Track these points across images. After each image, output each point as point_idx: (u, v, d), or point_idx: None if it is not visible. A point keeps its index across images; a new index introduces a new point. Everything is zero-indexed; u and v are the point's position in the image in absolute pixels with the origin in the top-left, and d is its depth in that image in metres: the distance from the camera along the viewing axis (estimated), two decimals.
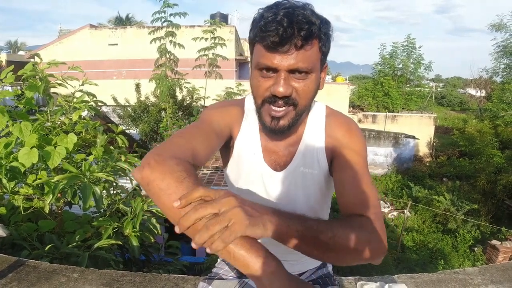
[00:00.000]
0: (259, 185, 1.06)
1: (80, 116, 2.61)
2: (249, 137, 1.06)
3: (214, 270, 1.23)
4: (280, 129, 0.94)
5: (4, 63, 21.76)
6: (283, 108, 0.91)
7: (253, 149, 1.05)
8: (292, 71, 0.87)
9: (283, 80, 0.87)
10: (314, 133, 1.04)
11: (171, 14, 8.61)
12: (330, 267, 1.25)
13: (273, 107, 0.91)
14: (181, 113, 11.01)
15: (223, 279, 1.16)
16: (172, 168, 0.77)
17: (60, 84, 2.53)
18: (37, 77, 2.43)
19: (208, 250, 0.64)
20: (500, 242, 9.79)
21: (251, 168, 1.06)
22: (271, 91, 0.89)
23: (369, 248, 0.80)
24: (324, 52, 0.91)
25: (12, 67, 2.42)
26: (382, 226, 0.86)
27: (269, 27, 0.83)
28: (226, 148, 1.10)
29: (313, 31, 0.84)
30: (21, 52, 31.84)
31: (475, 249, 10.47)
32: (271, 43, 0.83)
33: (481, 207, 12.26)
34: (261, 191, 1.07)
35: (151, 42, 8.84)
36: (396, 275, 1.88)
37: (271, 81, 0.89)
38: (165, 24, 8.74)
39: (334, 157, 1.03)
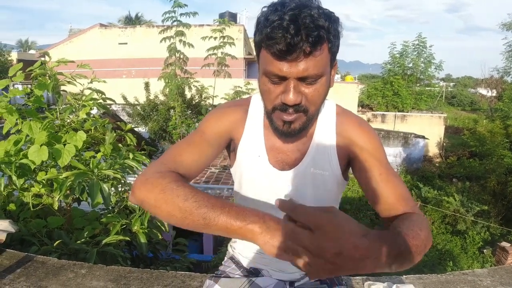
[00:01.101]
0: (266, 187, 1.04)
1: (88, 114, 2.63)
2: (253, 139, 1.04)
3: (221, 268, 1.22)
4: (292, 132, 0.93)
5: (15, 62, 22.03)
6: (294, 114, 0.89)
7: (257, 151, 1.03)
8: (301, 78, 0.84)
9: (292, 88, 0.85)
10: (325, 133, 1.02)
11: (181, 14, 8.66)
12: None
13: (284, 114, 0.90)
14: (189, 111, 11.05)
15: (230, 277, 1.15)
16: (155, 183, 0.82)
17: (69, 82, 2.55)
18: (46, 75, 2.45)
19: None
20: (510, 244, 9.65)
21: (257, 170, 1.04)
22: (281, 99, 0.87)
23: (429, 241, 0.80)
24: (333, 52, 0.88)
25: (21, 65, 2.45)
26: (422, 214, 0.88)
27: (275, 35, 0.79)
28: (231, 151, 1.09)
29: (322, 36, 0.80)
30: (31, 51, 32.21)
31: (484, 250, 10.35)
32: (278, 51, 0.80)
33: (491, 209, 12.11)
34: (268, 193, 1.04)
35: (161, 41, 8.89)
36: (404, 276, 1.86)
37: (280, 88, 0.87)
38: (175, 23, 8.78)
39: (353, 160, 1.01)
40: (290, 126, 0.92)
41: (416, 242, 0.74)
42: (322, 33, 0.80)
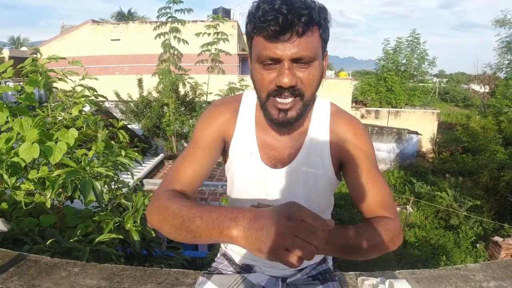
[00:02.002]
0: (258, 185, 1.04)
1: (80, 111, 2.61)
2: (244, 137, 1.03)
3: (213, 264, 1.22)
4: (288, 121, 0.92)
5: (6, 59, 21.81)
6: (290, 99, 0.88)
7: (249, 149, 1.03)
8: (295, 60, 0.84)
9: (287, 70, 0.84)
10: (318, 131, 1.02)
11: (176, 10, 8.61)
12: (330, 263, 1.24)
13: (279, 99, 0.89)
14: (183, 108, 11.01)
15: (222, 273, 1.15)
16: (154, 206, 0.89)
17: (60, 79, 2.52)
18: (37, 72, 2.42)
19: None
20: (502, 239, 9.75)
21: (249, 168, 1.03)
22: (276, 82, 0.86)
23: (392, 244, 0.92)
24: (324, 39, 0.89)
25: (11, 61, 2.41)
26: (400, 221, 0.97)
27: (268, 16, 0.80)
28: (224, 149, 1.09)
29: (314, 16, 0.82)
30: (23, 48, 31.89)
31: (477, 245, 10.44)
32: (271, 32, 0.81)
33: (483, 204, 12.22)
34: (260, 191, 1.04)
35: (156, 38, 8.83)
36: (397, 271, 1.87)
37: (274, 73, 0.86)
38: (169, 19, 8.74)
39: (344, 160, 1.01)
40: (286, 114, 0.91)
41: (368, 242, 0.87)
42: (314, 13, 0.82)
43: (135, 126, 11.98)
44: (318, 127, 1.02)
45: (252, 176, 1.04)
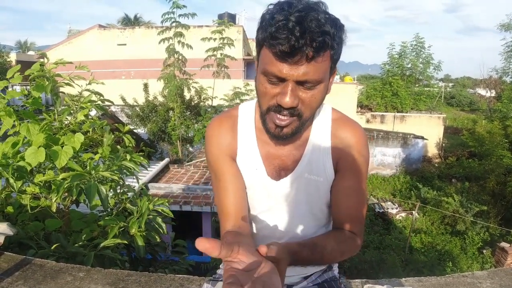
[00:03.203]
0: (263, 195, 1.06)
1: (87, 116, 2.62)
2: (247, 152, 1.04)
3: (218, 271, 1.22)
4: (283, 137, 0.93)
5: (13, 63, 22.01)
6: (288, 118, 0.88)
7: (254, 165, 1.04)
8: (300, 82, 0.83)
9: (290, 91, 0.83)
10: (320, 139, 1.02)
11: (180, 15, 8.66)
12: (336, 270, 1.23)
13: (278, 115, 0.89)
14: (188, 112, 11.05)
15: None
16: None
17: (67, 84, 2.54)
18: (44, 77, 2.44)
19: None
20: (509, 245, 9.65)
21: (255, 181, 1.05)
22: (277, 100, 0.86)
23: (349, 254, 1.02)
24: (335, 60, 0.87)
25: (19, 66, 2.43)
26: (362, 237, 1.06)
27: (279, 35, 0.77)
28: None
29: (327, 42, 0.79)
30: (30, 52, 32.15)
31: (484, 251, 10.35)
32: (280, 52, 0.79)
33: (490, 209, 12.11)
34: (265, 200, 1.06)
35: (160, 42, 8.89)
36: (403, 278, 1.85)
37: (277, 89, 0.86)
38: (174, 24, 8.79)
39: (341, 165, 1.02)
40: (282, 130, 0.91)
41: (323, 259, 0.96)
42: (327, 39, 0.79)
43: (140, 130, 12.03)
44: (320, 134, 1.02)
45: (259, 189, 1.05)
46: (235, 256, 0.61)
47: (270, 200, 1.05)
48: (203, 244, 0.59)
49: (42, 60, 2.61)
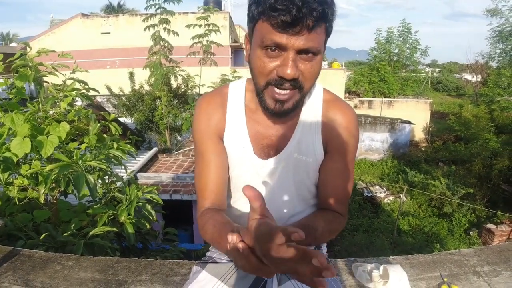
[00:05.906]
0: (252, 174, 1.05)
1: (71, 104, 2.58)
2: (235, 130, 1.03)
3: (208, 254, 1.22)
4: (284, 112, 0.92)
5: None
6: (289, 91, 0.88)
7: (242, 143, 1.03)
8: (300, 51, 0.83)
9: (291, 61, 0.83)
10: (311, 119, 1.02)
11: (165, 1, 8.53)
12: (324, 250, 1.24)
13: (278, 90, 0.88)
14: (176, 101, 10.96)
15: (216, 262, 1.15)
16: (202, 231, 0.96)
17: (50, 73, 2.49)
18: (27, 66, 2.39)
19: None
20: (495, 226, 9.88)
21: (243, 160, 1.04)
22: (278, 72, 0.85)
23: (336, 233, 1.06)
24: (328, 33, 0.88)
25: (1, 56, 2.38)
26: (346, 216, 1.09)
27: (280, 5, 0.77)
28: None
29: (326, 12, 0.80)
30: (13, 44, 31.43)
31: (471, 232, 10.57)
32: (281, 22, 0.78)
33: (476, 191, 12.35)
34: (254, 179, 1.05)
35: (144, 30, 8.75)
36: (391, 257, 1.88)
37: (277, 61, 0.85)
38: (158, 11, 8.65)
39: (331, 147, 1.02)
40: (283, 105, 0.90)
41: (313, 240, 0.97)
42: (326, 9, 0.80)
43: (127, 120, 11.90)
44: (311, 115, 1.02)
45: (246, 168, 1.05)
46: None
47: (257, 179, 1.05)
48: (251, 190, 0.63)
49: (25, 50, 2.56)
